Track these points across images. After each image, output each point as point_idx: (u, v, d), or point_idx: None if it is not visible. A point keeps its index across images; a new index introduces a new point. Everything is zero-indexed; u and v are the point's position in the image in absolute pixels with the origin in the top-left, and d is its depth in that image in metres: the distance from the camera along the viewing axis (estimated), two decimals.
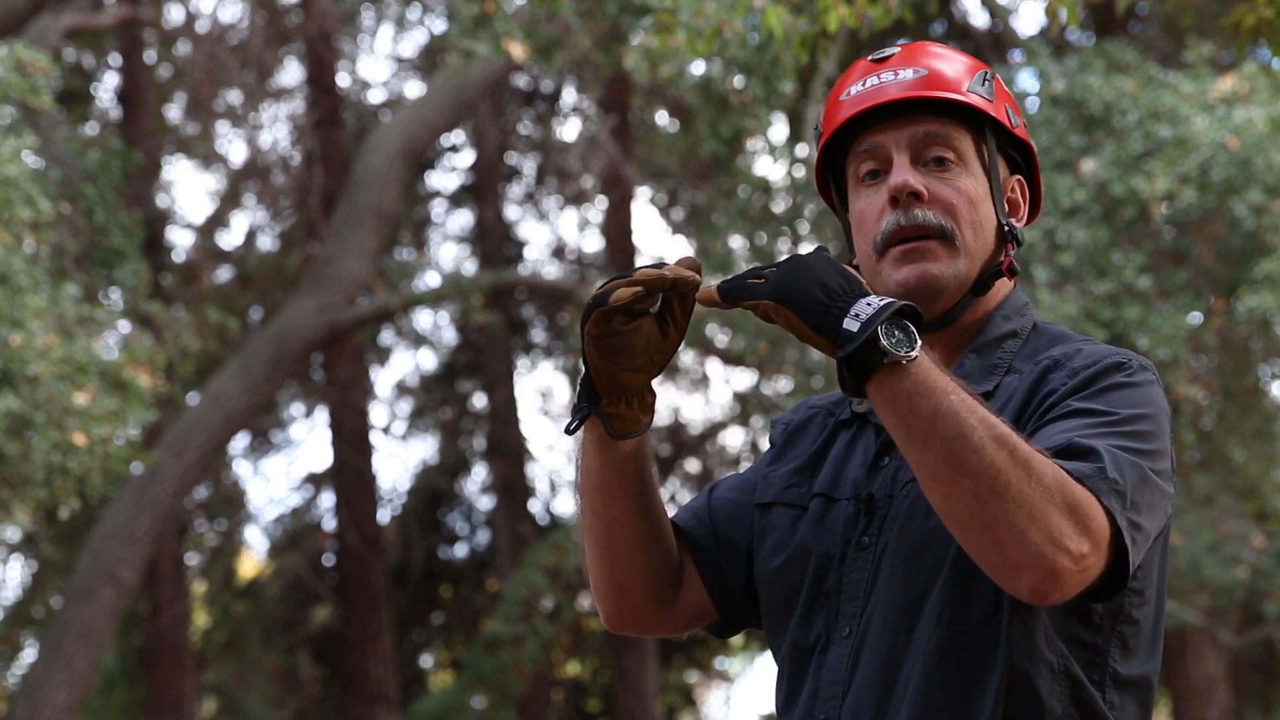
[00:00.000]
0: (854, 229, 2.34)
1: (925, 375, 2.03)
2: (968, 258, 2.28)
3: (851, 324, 2.03)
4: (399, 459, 27.26)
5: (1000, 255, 2.32)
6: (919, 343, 2.04)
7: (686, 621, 2.41)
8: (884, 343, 2.02)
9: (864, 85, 2.32)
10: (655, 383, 2.25)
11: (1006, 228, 2.32)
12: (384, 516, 17.83)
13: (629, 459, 2.28)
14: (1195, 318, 11.95)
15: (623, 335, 2.16)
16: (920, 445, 2.03)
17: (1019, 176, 2.39)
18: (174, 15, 16.62)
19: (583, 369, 2.23)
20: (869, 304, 2.04)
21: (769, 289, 2.07)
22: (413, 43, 19.72)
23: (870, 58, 2.35)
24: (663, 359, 2.19)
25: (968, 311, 2.31)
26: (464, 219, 19.30)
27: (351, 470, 16.47)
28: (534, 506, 18.09)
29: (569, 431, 2.25)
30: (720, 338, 14.95)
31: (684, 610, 2.40)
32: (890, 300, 2.04)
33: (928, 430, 2.02)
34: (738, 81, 12.39)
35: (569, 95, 17.94)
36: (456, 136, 18.47)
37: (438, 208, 19.38)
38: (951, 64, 2.33)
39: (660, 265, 2.15)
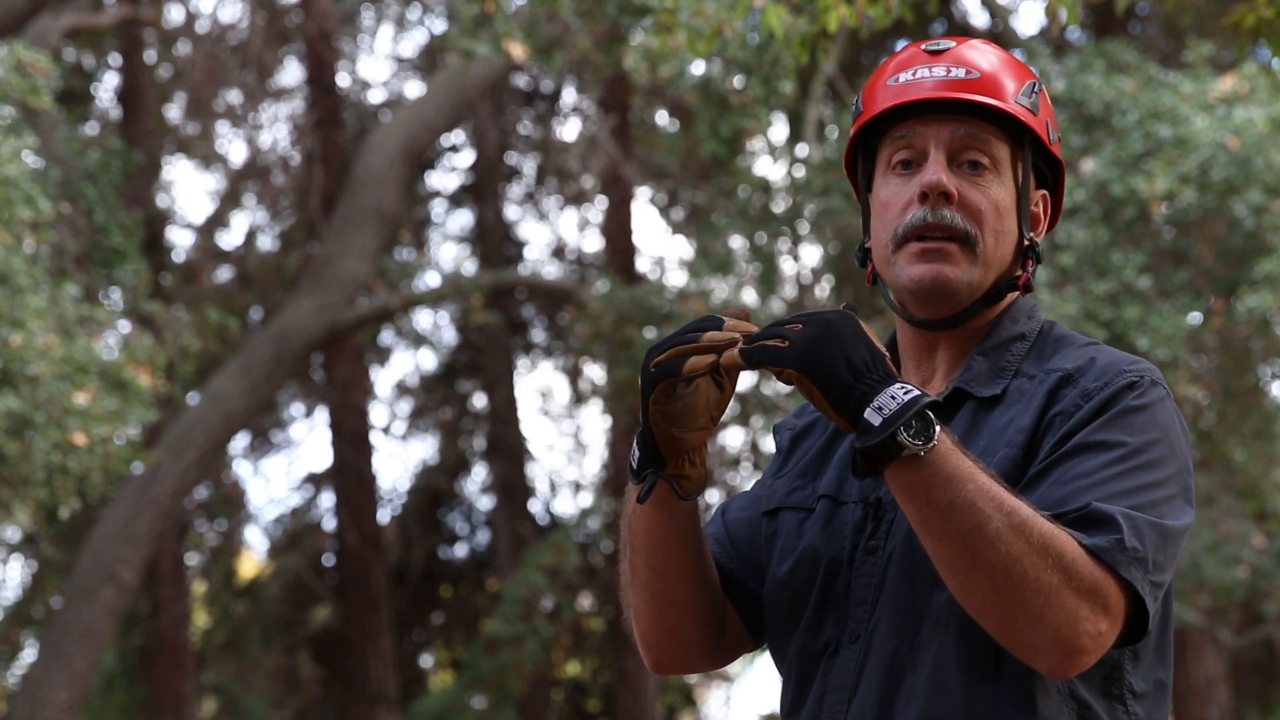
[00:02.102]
0: (875, 214, 2.32)
1: (942, 466, 2.02)
2: (984, 267, 2.26)
3: (873, 416, 2.01)
4: (399, 459, 27.31)
5: (1017, 269, 2.31)
6: (937, 431, 2.02)
7: (732, 654, 2.40)
8: (902, 437, 2.01)
9: (913, 75, 2.29)
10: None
11: (1027, 242, 2.31)
12: (384, 516, 17.83)
13: (689, 515, 2.26)
14: (1195, 318, 11.94)
15: (686, 398, 2.15)
16: (936, 536, 2.03)
17: (1044, 191, 2.38)
18: (174, 15, 16.63)
19: (640, 433, 2.20)
20: (893, 397, 2.02)
21: (792, 357, 2.04)
22: (413, 43, 19.76)
23: (925, 47, 2.33)
24: (720, 413, 2.18)
25: (977, 317, 2.30)
26: (464, 219, 19.31)
27: (351, 470, 16.47)
28: (534, 506, 18.09)
29: (641, 500, 2.21)
30: None
31: (730, 643, 2.39)
32: (914, 395, 2.02)
33: (943, 521, 2.02)
34: (738, 81, 12.39)
35: (569, 95, 17.94)
36: (456, 136, 18.47)
37: (438, 208, 19.38)
38: (1004, 69, 2.31)
39: (715, 319, 2.12)
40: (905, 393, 2.02)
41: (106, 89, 17.37)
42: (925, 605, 2.16)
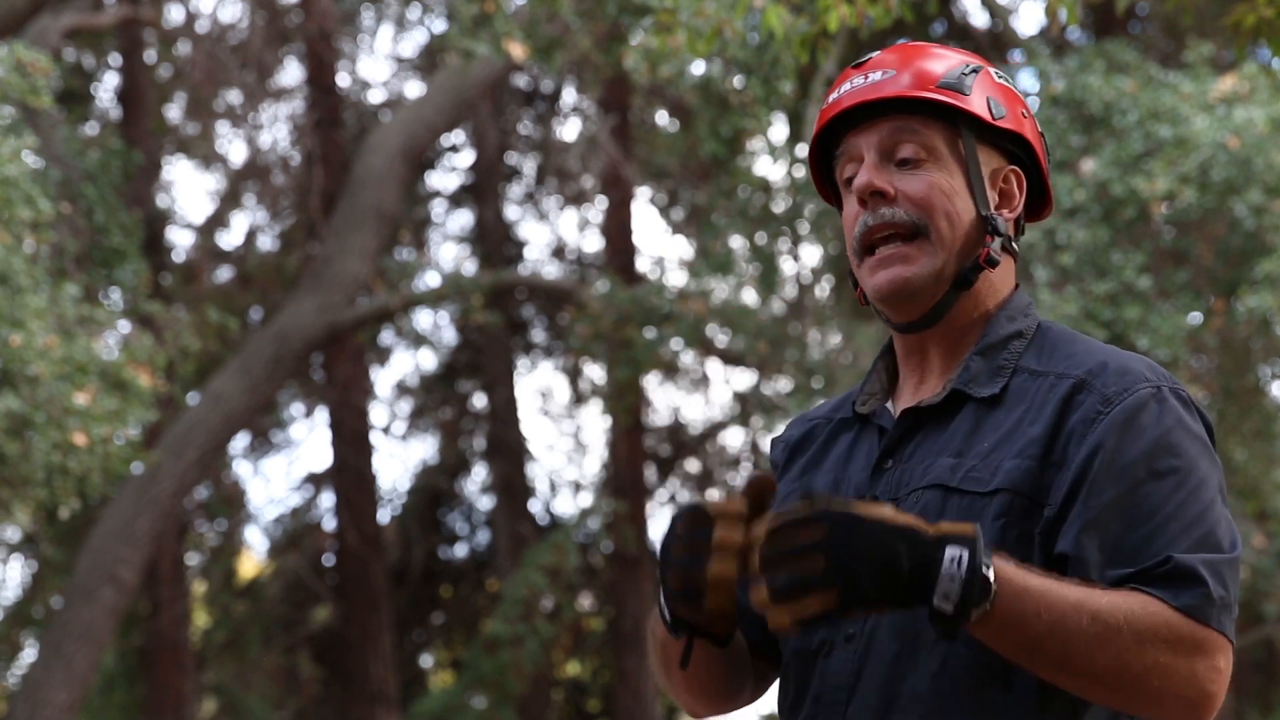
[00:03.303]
0: (845, 233, 2.35)
1: (1009, 610, 2.01)
2: (944, 251, 2.26)
3: (945, 605, 1.98)
4: (399, 459, 27.28)
5: (980, 247, 2.29)
6: (993, 577, 1.99)
7: (759, 691, 2.44)
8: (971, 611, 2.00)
9: (840, 91, 2.32)
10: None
11: (987, 219, 2.29)
12: (384, 516, 17.83)
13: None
14: (1195, 318, 11.94)
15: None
16: (1036, 668, 2.07)
17: (1015, 168, 2.35)
18: (174, 15, 16.63)
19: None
20: (951, 578, 1.97)
21: (830, 584, 1.96)
22: (413, 43, 19.76)
23: (853, 64, 2.36)
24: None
25: (956, 307, 2.29)
26: (464, 219, 19.31)
27: (351, 470, 16.47)
28: (534, 506, 18.09)
29: (683, 665, 2.23)
30: (720, 338, 14.97)
31: (756, 683, 2.43)
32: (971, 562, 1.97)
33: (1032, 658, 2.05)
34: (738, 81, 12.39)
35: (569, 95, 17.94)
36: (456, 136, 18.47)
37: (438, 208, 19.37)
38: (927, 60, 2.31)
39: (713, 510, 2.06)
40: (959, 566, 1.98)
41: (106, 89, 17.38)
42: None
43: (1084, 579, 2.07)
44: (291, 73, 17.53)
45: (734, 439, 17.45)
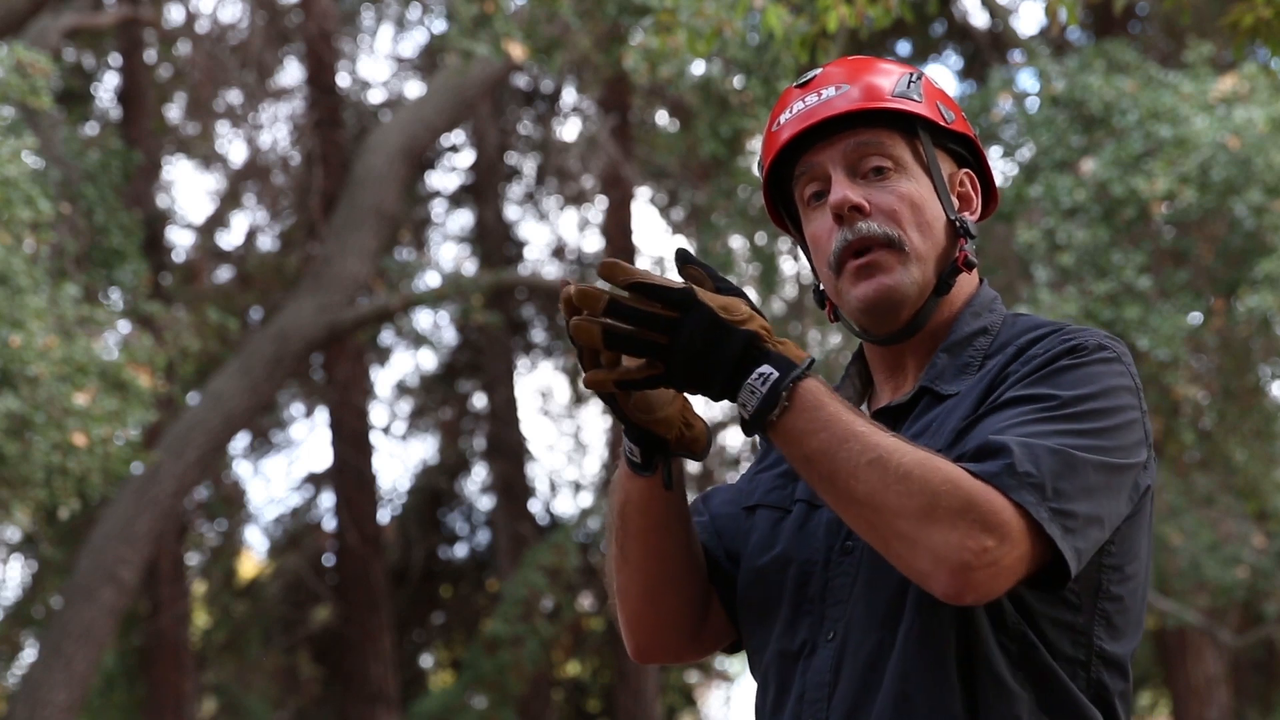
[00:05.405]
0: (811, 251, 2.36)
1: (791, 425, 2.06)
2: (920, 261, 2.28)
3: (743, 411, 2.07)
4: (399, 459, 27.29)
5: (955, 251, 2.32)
6: (787, 397, 2.06)
7: (713, 644, 2.42)
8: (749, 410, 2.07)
9: (792, 112, 2.33)
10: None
11: (957, 223, 2.32)
12: (384, 516, 17.83)
13: (683, 494, 2.29)
14: (1195, 318, 11.95)
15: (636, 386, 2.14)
16: (814, 484, 2.10)
17: (967, 170, 2.39)
18: (174, 15, 16.64)
19: (627, 430, 2.20)
20: (752, 391, 2.06)
21: (662, 359, 2.06)
22: (413, 43, 19.78)
23: (795, 83, 2.36)
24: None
25: (935, 314, 2.31)
26: (464, 219, 19.33)
27: (351, 470, 16.47)
28: (534, 506, 18.10)
29: (668, 486, 2.24)
30: None
31: (710, 633, 2.41)
32: (777, 385, 2.06)
33: (808, 473, 2.09)
34: (738, 81, 12.39)
35: (569, 95, 17.95)
36: (456, 136, 18.48)
37: (438, 208, 19.39)
38: (873, 73, 2.34)
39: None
40: (763, 383, 2.06)
41: (106, 89, 17.39)
42: (902, 597, 2.17)
43: None
44: (291, 73, 17.56)
45: (734, 439, 17.44)
